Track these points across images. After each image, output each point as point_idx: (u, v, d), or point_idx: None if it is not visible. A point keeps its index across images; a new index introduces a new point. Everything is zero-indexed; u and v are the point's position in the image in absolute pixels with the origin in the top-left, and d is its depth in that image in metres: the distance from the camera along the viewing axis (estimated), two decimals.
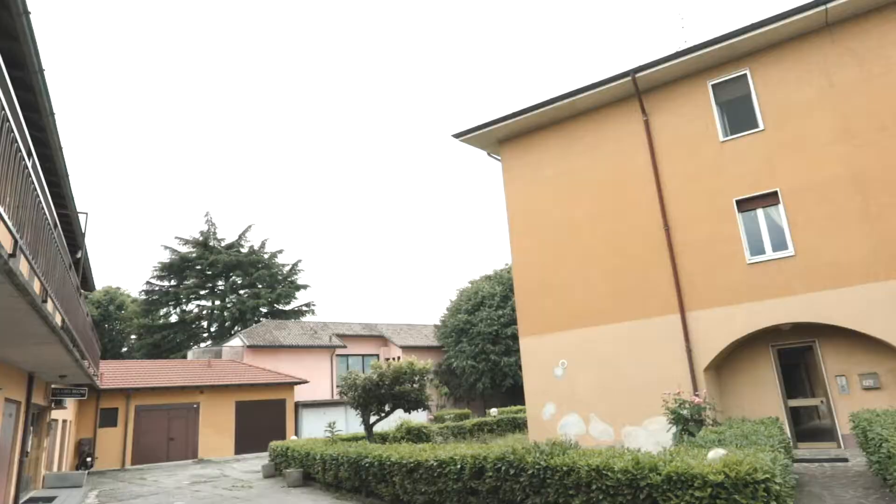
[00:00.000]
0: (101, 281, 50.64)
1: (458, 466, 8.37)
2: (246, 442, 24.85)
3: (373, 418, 15.71)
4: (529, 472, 7.15)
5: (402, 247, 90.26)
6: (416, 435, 16.12)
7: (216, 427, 24.57)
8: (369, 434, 15.65)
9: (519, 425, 22.10)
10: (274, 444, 16.70)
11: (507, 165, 17.10)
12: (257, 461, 20.55)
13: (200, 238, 44.40)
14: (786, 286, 12.41)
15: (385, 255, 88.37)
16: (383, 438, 16.27)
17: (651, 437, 13.07)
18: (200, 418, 24.35)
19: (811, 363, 13.04)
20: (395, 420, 17.96)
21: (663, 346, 13.56)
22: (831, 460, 10.76)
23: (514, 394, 29.95)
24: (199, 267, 43.34)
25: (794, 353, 13.29)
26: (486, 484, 7.86)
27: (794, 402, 13.07)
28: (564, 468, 6.72)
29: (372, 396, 15.12)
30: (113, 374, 23.78)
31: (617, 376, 14.05)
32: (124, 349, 46.29)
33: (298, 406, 27.65)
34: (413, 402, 15.36)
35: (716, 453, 5.65)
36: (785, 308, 12.36)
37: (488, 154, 17.83)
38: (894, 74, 12.06)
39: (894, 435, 6.25)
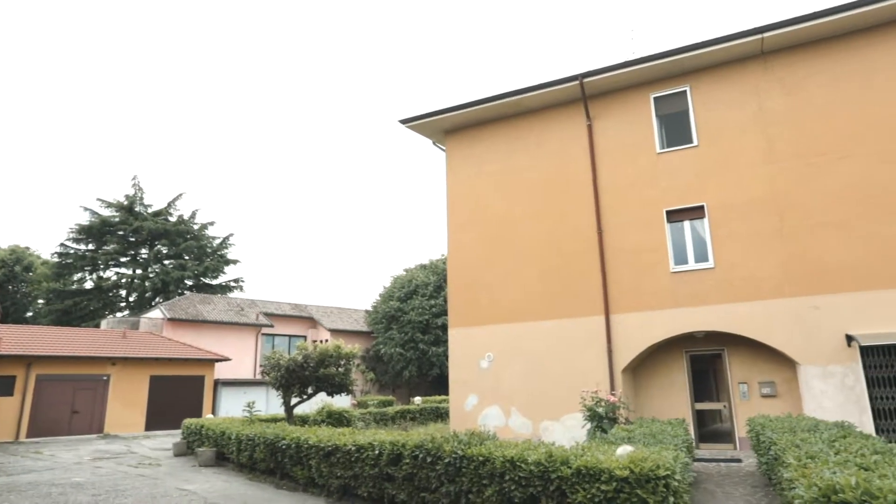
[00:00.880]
0: (6, 239, 47.00)
1: (376, 452, 8.36)
2: (158, 418, 23.83)
3: (294, 400, 15.41)
4: (446, 460, 7.22)
5: (339, 229, 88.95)
6: (336, 419, 15.93)
7: (126, 401, 23.40)
8: (289, 416, 15.35)
9: (442, 415, 22.33)
10: (188, 421, 16.09)
11: (451, 156, 17.11)
12: (169, 439, 19.75)
13: (125, 202, 41.95)
14: (704, 296, 13.10)
15: (321, 237, 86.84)
16: (303, 421, 16.00)
17: (567, 433, 13.51)
18: (110, 391, 23.11)
19: (719, 370, 13.86)
20: (317, 403, 17.71)
21: (587, 346, 14.03)
22: (727, 460, 11.52)
23: (440, 384, 30.23)
24: (121, 232, 40.97)
25: (705, 359, 14.07)
26: (403, 471, 7.90)
27: (700, 406, 13.86)
28: (480, 458, 6.84)
29: (295, 378, 14.82)
30: (13, 339, 22.14)
31: (540, 372, 14.42)
32: (29, 314, 43.24)
33: (218, 384, 26.77)
34: (337, 386, 15.18)
35: (624, 450, 5.89)
36: (701, 316, 13.05)
37: (433, 143, 17.78)
38: (813, 108, 12.91)
39: (782, 439, 6.74)
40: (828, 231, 12.30)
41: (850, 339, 11.69)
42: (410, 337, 30.46)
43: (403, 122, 16.82)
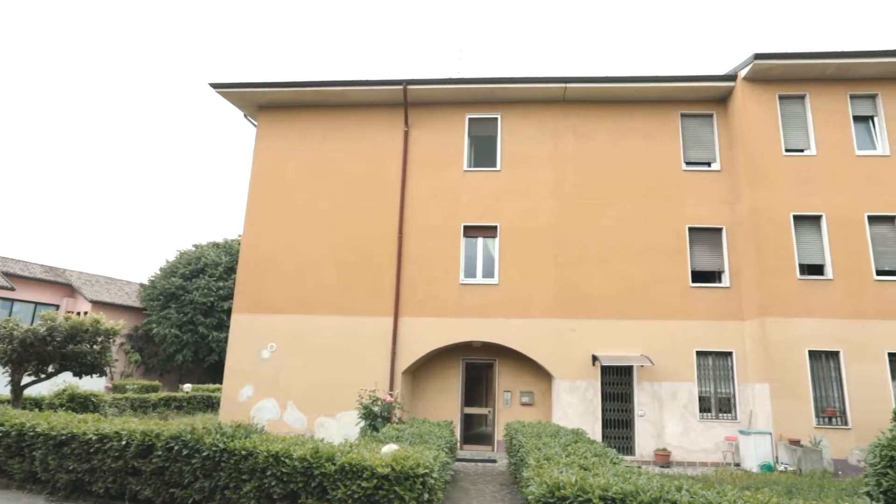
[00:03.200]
0: None
1: (123, 443, 7.43)
2: None
3: (27, 379, 13.02)
4: (205, 453, 6.72)
5: (121, 191, 78.34)
6: (81, 404, 13.82)
7: None
8: (16, 398, 12.89)
9: (213, 405, 20.81)
10: None
11: (262, 134, 16.15)
12: None
13: None
14: (485, 309, 14.23)
15: (96, 197, 75.54)
16: (37, 405, 13.60)
17: (342, 430, 13.56)
18: None
19: (490, 378, 15.14)
20: (59, 384, 15.23)
21: (372, 345, 14.25)
22: (484, 461, 12.60)
23: (217, 371, 28.17)
24: None
25: (479, 367, 15.26)
26: (153, 464, 7.14)
27: (469, 410, 14.97)
28: (243, 452, 6.49)
29: (32, 353, 12.51)
30: None
31: (323, 367, 14.26)
32: None
33: None
34: (88, 367, 13.19)
35: (389, 448, 6.06)
36: (481, 327, 14.14)
37: (245, 116, 16.62)
38: (596, 157, 14.97)
39: (528, 442, 7.57)
40: (592, 265, 14.27)
41: (595, 358, 13.67)
42: (190, 318, 27.91)
43: (214, 86, 15.46)
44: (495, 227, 14.77)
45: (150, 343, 29.23)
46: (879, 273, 13.11)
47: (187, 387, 22.17)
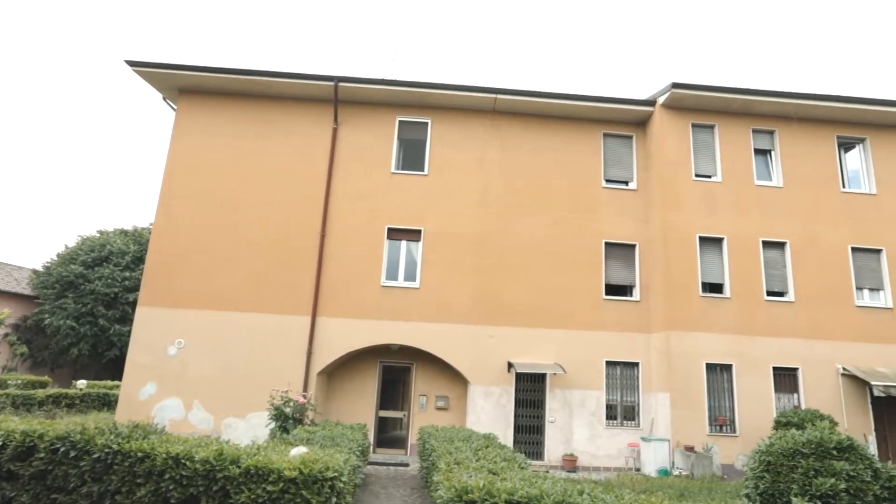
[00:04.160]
0: None
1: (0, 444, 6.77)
2: None
3: None
4: (95, 455, 6.24)
5: (13, 166, 71.90)
6: None
7: None
8: None
9: (110, 403, 19.45)
10: None
11: (182, 118, 15.32)
12: None
13: None
14: (405, 312, 14.20)
15: None
16: None
17: (251, 431, 13.09)
18: None
19: (406, 381, 15.11)
20: None
21: (288, 345, 13.86)
22: (397, 465, 12.55)
23: (118, 367, 26.38)
24: None
25: (396, 370, 15.19)
26: (34, 467, 6.54)
27: (384, 413, 14.86)
28: (140, 454, 6.09)
29: None
30: None
31: (235, 366, 13.70)
32: None
33: None
34: None
35: (298, 451, 5.91)
36: (400, 331, 14.09)
37: (164, 99, 15.72)
38: (521, 167, 15.39)
39: (441, 447, 7.61)
40: (512, 274, 14.60)
41: (510, 365, 13.97)
42: (90, 310, 25.96)
43: (131, 63, 14.52)
44: (419, 231, 14.79)
45: (41, 335, 26.96)
46: (769, 294, 14.28)
47: (82, 383, 20.59)
